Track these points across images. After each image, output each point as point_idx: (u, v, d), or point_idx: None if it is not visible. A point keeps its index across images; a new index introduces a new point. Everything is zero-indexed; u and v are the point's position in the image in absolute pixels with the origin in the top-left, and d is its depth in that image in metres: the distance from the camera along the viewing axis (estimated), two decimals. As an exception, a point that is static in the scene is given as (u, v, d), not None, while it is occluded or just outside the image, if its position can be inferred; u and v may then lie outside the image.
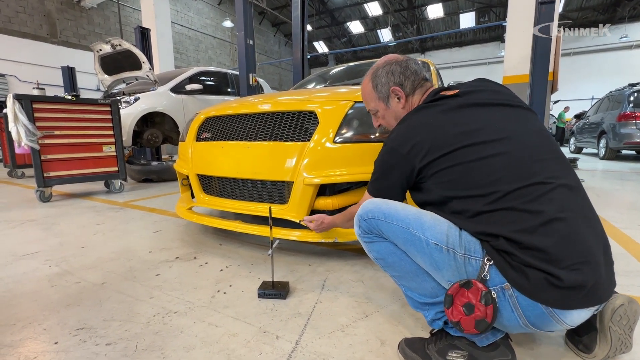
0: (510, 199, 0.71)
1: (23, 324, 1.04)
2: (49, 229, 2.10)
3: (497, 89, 0.89)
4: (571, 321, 0.69)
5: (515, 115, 0.83)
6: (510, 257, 0.69)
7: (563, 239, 0.66)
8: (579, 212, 0.70)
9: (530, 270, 0.67)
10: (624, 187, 3.50)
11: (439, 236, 0.76)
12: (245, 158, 1.57)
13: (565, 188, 0.72)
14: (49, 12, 9.83)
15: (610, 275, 0.71)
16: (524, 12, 4.67)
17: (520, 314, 0.70)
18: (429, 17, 16.47)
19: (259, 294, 1.21)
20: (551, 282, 0.65)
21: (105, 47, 3.88)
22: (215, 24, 15.49)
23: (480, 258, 0.73)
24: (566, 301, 0.66)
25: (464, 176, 0.76)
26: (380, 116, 1.05)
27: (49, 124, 2.82)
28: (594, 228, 0.71)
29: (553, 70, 4.44)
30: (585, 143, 7.88)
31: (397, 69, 0.97)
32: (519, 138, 0.77)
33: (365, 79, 1.04)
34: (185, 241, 1.86)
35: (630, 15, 13.72)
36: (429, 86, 0.99)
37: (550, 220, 0.67)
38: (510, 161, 0.74)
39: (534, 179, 0.71)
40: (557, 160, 0.76)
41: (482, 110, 0.82)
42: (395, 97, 0.98)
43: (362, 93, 1.07)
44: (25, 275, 1.40)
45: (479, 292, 0.70)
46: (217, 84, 5.10)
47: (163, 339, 0.96)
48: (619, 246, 1.70)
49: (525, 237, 0.67)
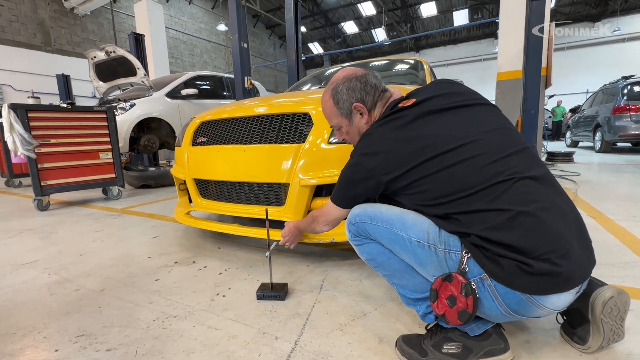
0: (474, 202, 0.73)
1: (23, 333, 1.04)
2: (47, 238, 2.10)
3: (455, 90, 0.90)
4: (553, 305, 0.71)
5: (474, 116, 0.84)
6: (484, 250, 0.71)
7: (529, 231, 0.68)
8: (545, 201, 0.71)
9: (503, 260, 0.69)
10: (620, 179, 3.53)
11: (420, 234, 0.79)
12: (241, 161, 1.58)
13: (529, 179, 0.73)
14: (43, 21, 9.81)
15: (587, 255, 0.73)
16: (515, 9, 4.69)
17: (500, 303, 0.72)
18: (422, 16, 16.52)
19: (258, 296, 1.22)
20: (523, 269, 0.67)
21: (99, 54, 3.89)
22: (209, 28, 15.49)
23: (459, 252, 0.75)
24: (541, 287, 0.68)
25: (430, 188, 0.78)
26: (344, 132, 1.04)
27: (45, 132, 2.81)
28: (563, 213, 0.72)
29: (546, 65, 4.47)
30: (581, 136, 7.92)
31: (357, 85, 0.96)
32: (478, 141, 0.78)
33: (325, 95, 1.03)
34: (184, 245, 1.86)
35: (622, 9, 13.80)
36: (388, 97, 1.00)
37: (515, 215, 0.69)
38: (471, 167, 0.75)
39: (496, 178, 0.73)
40: (518, 153, 0.78)
41: (440, 117, 0.83)
42: (357, 113, 0.98)
43: (323, 109, 1.06)
44: (25, 284, 1.41)
45: (459, 284, 0.72)
46: (213, 87, 5.10)
47: (163, 343, 0.97)
48: (615, 238, 1.72)
49: (493, 234, 0.70)
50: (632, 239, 1.69)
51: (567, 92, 14.26)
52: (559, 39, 14.40)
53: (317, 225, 1.10)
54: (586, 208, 2.34)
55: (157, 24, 8.52)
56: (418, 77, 2.66)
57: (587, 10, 14.56)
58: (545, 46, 4.02)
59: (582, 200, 2.61)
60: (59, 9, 10.20)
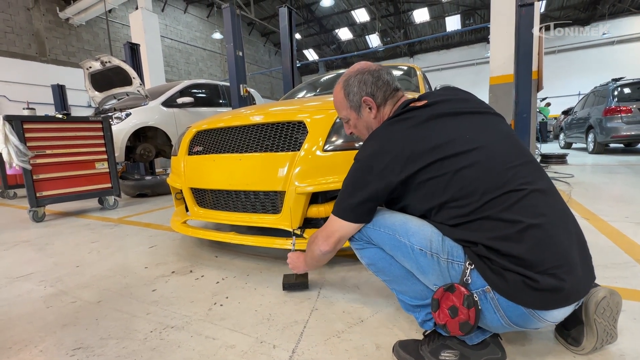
0: (485, 209, 0.73)
1: (19, 347, 1.03)
2: (43, 249, 2.09)
3: (465, 97, 0.92)
4: (553, 318, 0.72)
5: (484, 123, 0.85)
6: (490, 261, 0.71)
7: (537, 244, 0.69)
8: (552, 216, 0.72)
9: (509, 274, 0.69)
10: (613, 180, 3.57)
11: (423, 242, 0.79)
12: (237, 170, 1.59)
13: (538, 193, 0.74)
14: (37, 31, 9.83)
15: (588, 271, 0.74)
16: (505, 14, 4.78)
17: (502, 315, 0.72)
18: (415, 22, 16.75)
19: (284, 287, 1.34)
20: (528, 285, 0.67)
21: (94, 64, 3.90)
22: (204, 37, 15.59)
23: (462, 262, 0.75)
24: (545, 302, 0.68)
25: (440, 189, 0.77)
26: (352, 125, 1.05)
27: (40, 143, 2.81)
28: (568, 228, 0.74)
29: (537, 69, 4.55)
30: (574, 138, 8.01)
31: (369, 79, 0.97)
32: (489, 146, 0.78)
33: (337, 86, 1.03)
34: (181, 255, 1.86)
35: (610, 12, 14.08)
36: (400, 96, 1.00)
37: (525, 227, 0.69)
38: (483, 171, 0.75)
39: (507, 187, 0.73)
40: (527, 164, 0.78)
41: (452, 120, 0.83)
42: (366, 107, 0.98)
43: (334, 100, 1.06)
44: (20, 297, 1.40)
45: (462, 295, 0.72)
46: (209, 96, 5.12)
47: (161, 354, 0.96)
48: (608, 239, 1.74)
49: (501, 245, 0.70)
50: (625, 240, 1.71)
51: (559, 94, 14.47)
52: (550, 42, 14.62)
53: (315, 246, 0.96)
54: (580, 210, 2.37)
55: (153, 33, 8.55)
56: (411, 82, 2.70)
57: (577, 14, 14.83)
58: (536, 50, 4.10)
59: (575, 201, 2.64)
60: (54, 19, 10.23)
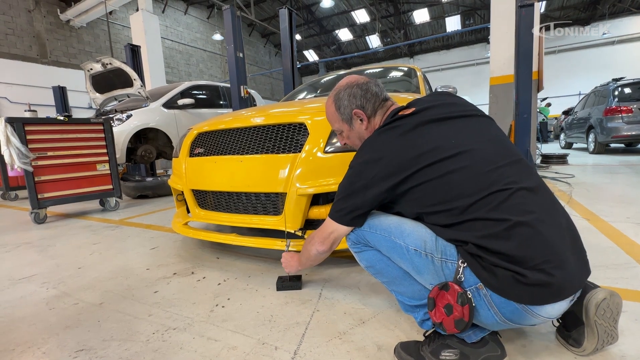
0: (473, 210, 0.75)
1: (22, 349, 1.04)
2: (44, 251, 2.09)
3: (452, 101, 0.93)
4: (547, 314, 0.72)
5: (471, 126, 0.87)
6: (480, 259, 0.73)
7: (525, 241, 0.70)
8: (541, 212, 0.73)
9: (499, 270, 0.71)
10: (614, 180, 3.57)
11: (417, 242, 0.81)
12: (238, 172, 1.60)
13: (525, 190, 0.75)
14: (38, 33, 9.86)
15: (581, 265, 0.75)
16: (505, 14, 4.78)
17: (496, 312, 0.74)
18: (415, 22, 16.75)
19: (278, 287, 1.36)
20: (518, 280, 0.69)
21: (96, 66, 3.91)
22: (205, 38, 15.62)
23: (455, 261, 0.77)
24: (535, 297, 0.70)
25: (428, 194, 0.80)
26: (345, 136, 1.08)
27: (41, 145, 2.82)
28: (558, 224, 0.74)
29: (538, 69, 4.55)
30: (574, 138, 8.01)
31: (358, 92, 1.00)
32: (474, 149, 0.80)
33: (328, 100, 1.07)
34: (183, 256, 1.86)
35: (610, 12, 14.08)
36: (389, 105, 1.03)
37: (512, 225, 0.71)
38: (468, 174, 0.77)
39: (493, 187, 0.75)
40: (513, 164, 0.80)
41: (438, 126, 0.85)
42: (357, 119, 1.02)
43: (326, 114, 1.10)
44: (23, 299, 1.40)
45: (456, 293, 0.74)
46: (209, 97, 5.13)
47: (163, 355, 0.97)
48: (609, 240, 1.74)
49: (490, 242, 0.72)
50: (626, 241, 1.71)
51: (560, 94, 14.46)
52: (550, 42, 14.62)
53: (312, 246, 1.03)
54: (580, 210, 2.37)
55: (153, 35, 8.58)
56: (412, 83, 2.70)
57: (577, 14, 14.83)
58: (536, 50, 4.10)
59: (576, 202, 2.64)
60: (55, 21, 10.26)
